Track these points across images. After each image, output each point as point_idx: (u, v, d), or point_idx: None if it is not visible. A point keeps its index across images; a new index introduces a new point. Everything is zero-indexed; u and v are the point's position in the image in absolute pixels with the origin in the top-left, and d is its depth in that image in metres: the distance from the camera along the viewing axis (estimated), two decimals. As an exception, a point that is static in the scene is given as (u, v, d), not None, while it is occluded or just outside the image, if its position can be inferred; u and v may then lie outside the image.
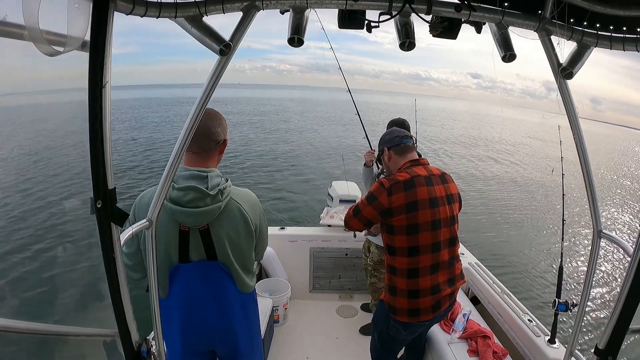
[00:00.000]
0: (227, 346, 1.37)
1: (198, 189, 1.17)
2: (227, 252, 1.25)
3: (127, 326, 0.88)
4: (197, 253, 1.23)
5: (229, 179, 1.27)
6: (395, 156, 1.68)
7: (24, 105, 17.07)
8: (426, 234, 1.50)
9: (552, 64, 0.98)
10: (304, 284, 3.06)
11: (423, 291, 1.53)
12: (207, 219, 1.20)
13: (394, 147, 1.69)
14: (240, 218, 1.26)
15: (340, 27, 0.94)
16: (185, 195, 1.17)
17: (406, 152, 1.67)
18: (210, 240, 1.23)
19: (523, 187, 10.88)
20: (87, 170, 0.75)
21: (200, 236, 1.22)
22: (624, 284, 0.93)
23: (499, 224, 7.57)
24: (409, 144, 1.69)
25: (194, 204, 1.17)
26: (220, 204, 1.20)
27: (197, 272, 1.25)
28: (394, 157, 1.69)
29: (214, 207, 1.19)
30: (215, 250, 1.24)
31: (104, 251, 0.81)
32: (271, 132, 19.89)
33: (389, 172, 1.74)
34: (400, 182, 1.51)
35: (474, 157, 15.01)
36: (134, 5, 0.75)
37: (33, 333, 0.74)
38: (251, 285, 1.37)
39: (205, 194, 1.17)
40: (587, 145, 1.05)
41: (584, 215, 7.50)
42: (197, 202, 1.17)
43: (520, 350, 1.96)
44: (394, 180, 1.52)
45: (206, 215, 1.19)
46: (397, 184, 1.51)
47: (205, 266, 1.25)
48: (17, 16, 0.57)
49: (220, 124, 1.26)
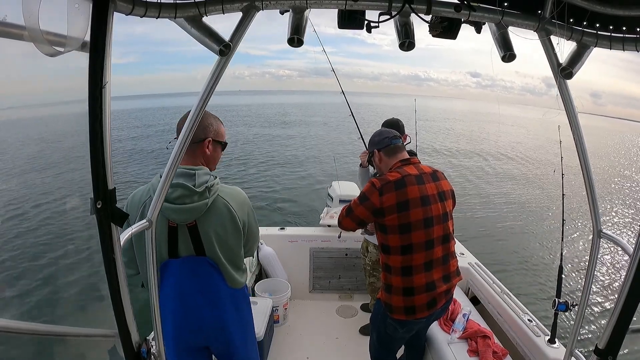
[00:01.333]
0: (220, 341, 1.39)
1: (185, 186, 1.20)
2: (214, 247, 1.28)
3: (127, 326, 0.88)
4: (185, 248, 1.27)
5: (217, 177, 1.30)
6: (385, 157, 1.71)
7: (24, 106, 17.11)
8: (419, 232, 1.52)
9: (552, 64, 0.98)
10: (303, 284, 3.06)
11: (418, 288, 1.54)
12: (194, 215, 1.24)
13: (384, 148, 1.71)
14: (228, 214, 1.29)
15: (340, 27, 0.94)
16: (173, 192, 1.20)
17: (396, 153, 1.70)
18: (198, 236, 1.26)
19: (523, 186, 10.87)
20: (87, 170, 0.75)
21: (188, 232, 1.25)
22: (624, 284, 0.93)
23: (499, 224, 7.56)
24: (398, 144, 1.71)
25: (182, 200, 1.20)
26: (207, 201, 1.24)
27: (185, 267, 1.28)
28: (384, 159, 1.71)
29: (200, 204, 1.22)
30: (203, 246, 1.27)
31: (104, 251, 0.81)
32: (272, 134, 19.91)
33: (380, 173, 1.77)
34: (391, 181, 1.54)
35: (474, 157, 15.01)
36: (133, 6, 0.75)
37: (33, 333, 0.74)
38: (241, 282, 1.39)
39: (192, 191, 1.21)
40: (587, 145, 1.05)
41: (584, 215, 7.50)
42: (185, 199, 1.21)
43: (520, 350, 1.96)
44: (385, 180, 1.55)
45: (193, 212, 1.23)
46: (388, 184, 1.54)
47: (194, 261, 1.28)
48: (17, 16, 0.57)
49: (210, 122, 1.30)
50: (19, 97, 27.19)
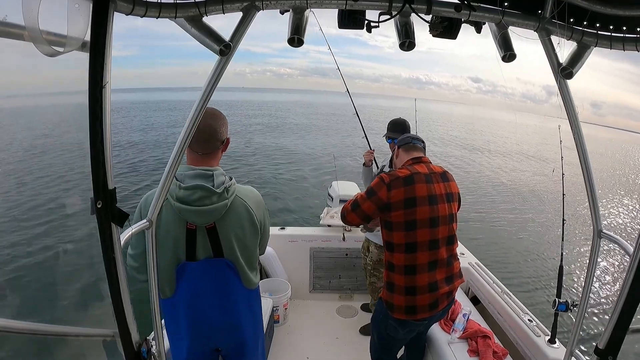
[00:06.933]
0: (233, 343, 1.38)
1: (205, 188, 1.18)
2: (233, 249, 1.27)
3: (127, 326, 0.88)
4: (204, 251, 1.25)
5: (233, 177, 1.29)
6: (402, 153, 1.76)
7: (23, 106, 17.08)
8: (424, 230, 1.52)
9: (552, 64, 0.98)
10: (304, 284, 3.06)
11: (420, 288, 1.54)
12: (215, 217, 1.22)
13: (403, 145, 1.77)
14: (246, 215, 1.28)
15: (340, 27, 0.95)
16: (192, 194, 1.18)
17: (411, 150, 1.73)
18: (217, 237, 1.24)
19: (523, 186, 10.87)
20: (87, 170, 0.75)
21: (207, 234, 1.24)
22: (624, 284, 0.93)
23: (499, 223, 7.57)
24: (417, 144, 1.76)
25: (201, 202, 1.19)
26: (227, 202, 1.22)
27: (203, 269, 1.26)
28: (401, 154, 1.76)
29: (220, 205, 1.21)
30: (222, 248, 1.26)
31: (104, 251, 0.81)
32: (271, 133, 19.90)
33: (394, 169, 1.78)
34: (400, 177, 1.55)
35: (473, 157, 15.00)
36: (133, 6, 0.75)
37: (33, 333, 0.74)
38: (255, 282, 1.38)
39: (212, 192, 1.19)
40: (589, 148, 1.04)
41: (584, 215, 7.50)
42: (204, 201, 1.19)
43: (520, 350, 1.96)
44: (394, 176, 1.56)
45: (213, 213, 1.21)
46: (396, 180, 1.55)
47: (212, 263, 1.26)
48: (17, 16, 0.57)
49: (223, 123, 1.28)
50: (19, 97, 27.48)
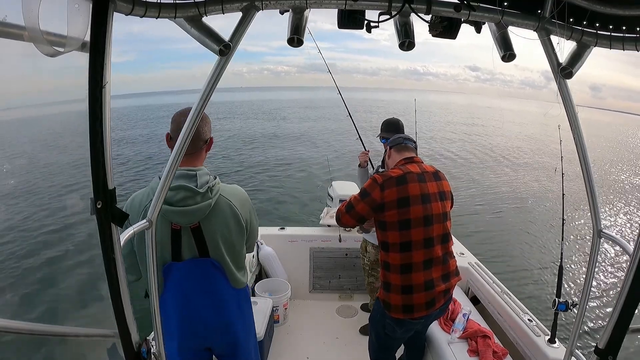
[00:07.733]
0: (224, 342, 1.38)
1: (188, 188, 1.19)
2: (219, 248, 1.27)
3: (127, 326, 0.87)
4: (189, 251, 1.26)
5: (217, 177, 1.29)
6: (394, 153, 1.78)
7: (23, 106, 17.12)
8: (419, 229, 1.53)
9: (552, 64, 0.98)
10: (304, 284, 3.06)
11: (417, 287, 1.55)
12: (198, 217, 1.22)
13: (396, 145, 1.79)
14: (231, 214, 1.29)
15: (340, 27, 0.94)
16: (175, 194, 1.18)
17: (403, 151, 1.76)
18: (202, 237, 1.25)
19: (523, 186, 10.87)
20: (87, 171, 0.75)
21: (192, 234, 1.24)
22: (624, 283, 0.93)
23: (499, 223, 7.56)
24: (409, 145, 1.78)
25: (185, 202, 1.19)
26: (211, 202, 1.23)
27: (189, 269, 1.27)
28: (393, 155, 1.78)
29: (204, 205, 1.21)
30: (207, 247, 1.26)
31: (104, 251, 0.81)
32: (271, 133, 19.91)
33: (386, 170, 1.80)
34: (392, 177, 1.57)
35: (473, 156, 15.00)
36: (133, 6, 0.75)
37: (33, 333, 0.74)
38: (243, 281, 1.38)
39: (195, 192, 1.20)
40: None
41: (584, 215, 7.50)
42: (188, 201, 1.19)
43: (520, 350, 1.96)
44: (387, 176, 1.58)
45: (197, 213, 1.21)
46: (389, 180, 1.56)
47: (197, 263, 1.27)
48: (17, 17, 0.57)
49: (206, 122, 1.29)
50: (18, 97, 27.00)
